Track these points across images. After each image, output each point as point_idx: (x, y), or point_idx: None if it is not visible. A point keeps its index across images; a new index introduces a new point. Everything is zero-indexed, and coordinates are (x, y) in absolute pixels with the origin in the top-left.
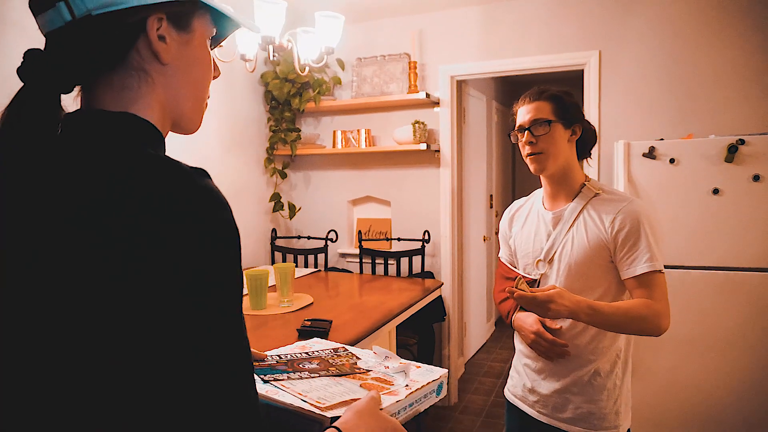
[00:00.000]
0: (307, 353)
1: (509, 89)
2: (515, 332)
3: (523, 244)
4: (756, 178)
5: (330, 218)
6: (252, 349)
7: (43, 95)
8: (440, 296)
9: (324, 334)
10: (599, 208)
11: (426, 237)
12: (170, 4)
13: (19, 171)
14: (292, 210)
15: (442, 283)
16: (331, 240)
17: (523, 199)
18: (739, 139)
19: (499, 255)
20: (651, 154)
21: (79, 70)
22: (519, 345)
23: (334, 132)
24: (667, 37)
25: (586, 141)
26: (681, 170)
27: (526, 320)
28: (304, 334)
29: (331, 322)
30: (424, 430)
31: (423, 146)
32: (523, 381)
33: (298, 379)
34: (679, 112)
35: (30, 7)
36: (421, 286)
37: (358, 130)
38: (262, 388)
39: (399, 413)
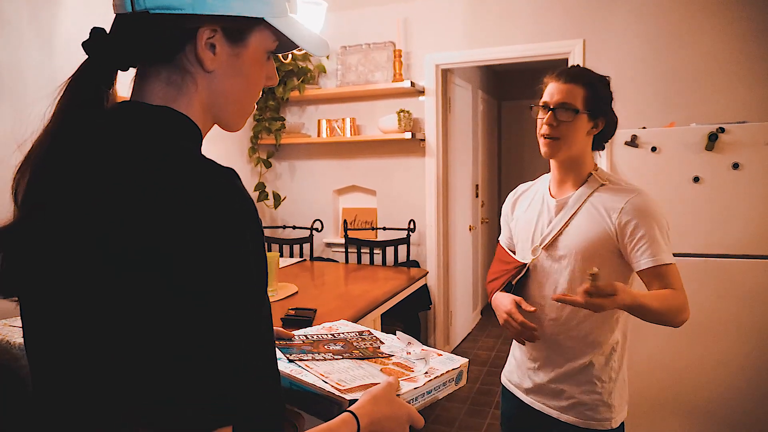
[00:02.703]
0: (332, 335)
1: (495, 79)
2: None
3: (524, 228)
4: (735, 166)
5: (315, 208)
6: (279, 328)
7: (100, 67)
8: (426, 285)
9: (308, 323)
10: (605, 199)
11: (411, 226)
12: (228, 18)
13: (68, 144)
14: (277, 200)
15: (428, 272)
16: (317, 230)
17: (529, 183)
18: (720, 128)
19: (498, 238)
20: (633, 142)
21: (133, 55)
22: None
23: (319, 121)
24: (651, 26)
25: (605, 134)
26: (662, 158)
27: (503, 300)
28: (288, 323)
29: (315, 311)
30: None
31: (408, 135)
32: (519, 367)
33: (321, 360)
34: (662, 101)
35: None
36: (407, 275)
37: (343, 119)
38: (286, 367)
39: (416, 399)
